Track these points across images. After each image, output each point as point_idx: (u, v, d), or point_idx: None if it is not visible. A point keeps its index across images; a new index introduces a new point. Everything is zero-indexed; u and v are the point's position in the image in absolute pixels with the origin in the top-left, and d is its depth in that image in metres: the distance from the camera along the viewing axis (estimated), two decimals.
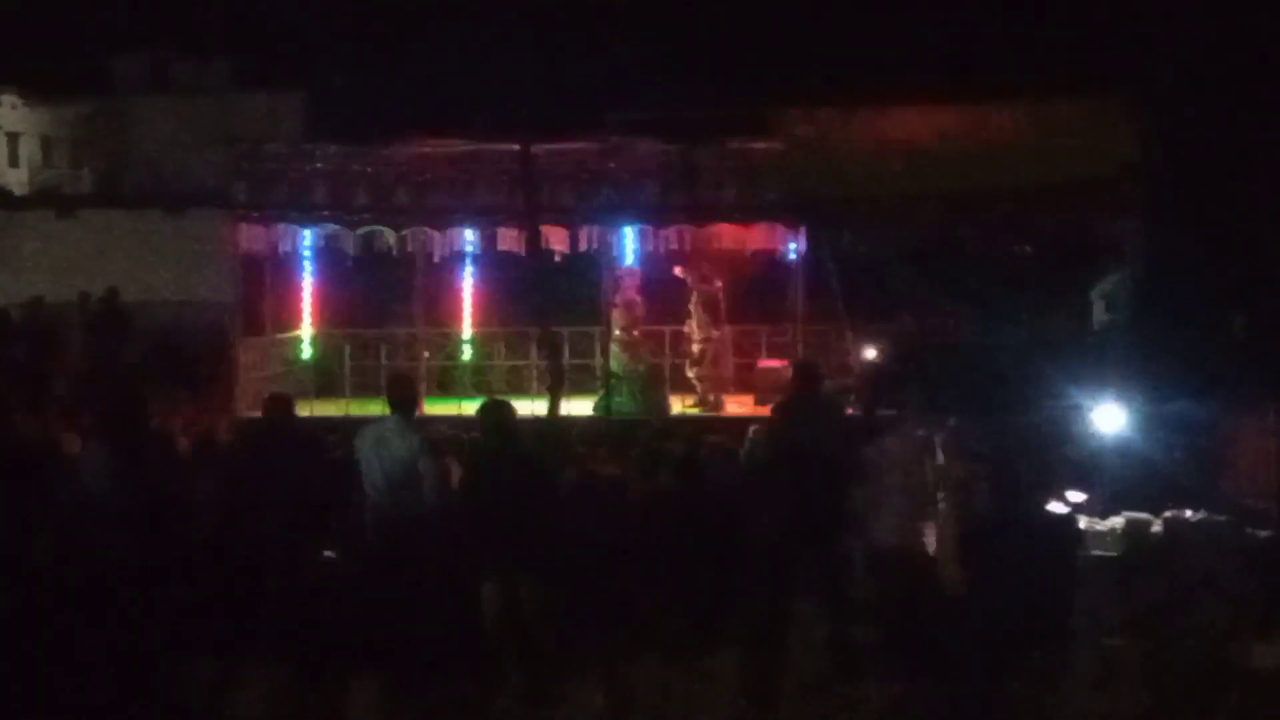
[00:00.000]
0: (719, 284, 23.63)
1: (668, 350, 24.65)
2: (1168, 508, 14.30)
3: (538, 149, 22.20)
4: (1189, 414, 14.35)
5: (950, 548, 11.64)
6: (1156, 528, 14.10)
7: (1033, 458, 14.08)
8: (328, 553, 12.57)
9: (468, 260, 25.67)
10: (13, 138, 66.65)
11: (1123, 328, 21.08)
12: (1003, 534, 12.28)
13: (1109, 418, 14.23)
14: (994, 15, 38.19)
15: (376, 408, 14.22)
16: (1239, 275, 22.38)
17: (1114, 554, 13.73)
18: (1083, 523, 13.22)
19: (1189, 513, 14.30)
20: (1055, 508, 12.38)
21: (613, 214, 22.89)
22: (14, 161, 66.36)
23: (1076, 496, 13.28)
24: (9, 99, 65.87)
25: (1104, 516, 14.25)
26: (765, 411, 18.28)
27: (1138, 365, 14.41)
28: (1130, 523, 14.07)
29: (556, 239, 23.08)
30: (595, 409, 22.75)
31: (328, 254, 24.21)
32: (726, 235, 22.97)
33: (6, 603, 11.42)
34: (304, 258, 24.60)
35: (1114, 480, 14.42)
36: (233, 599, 11.55)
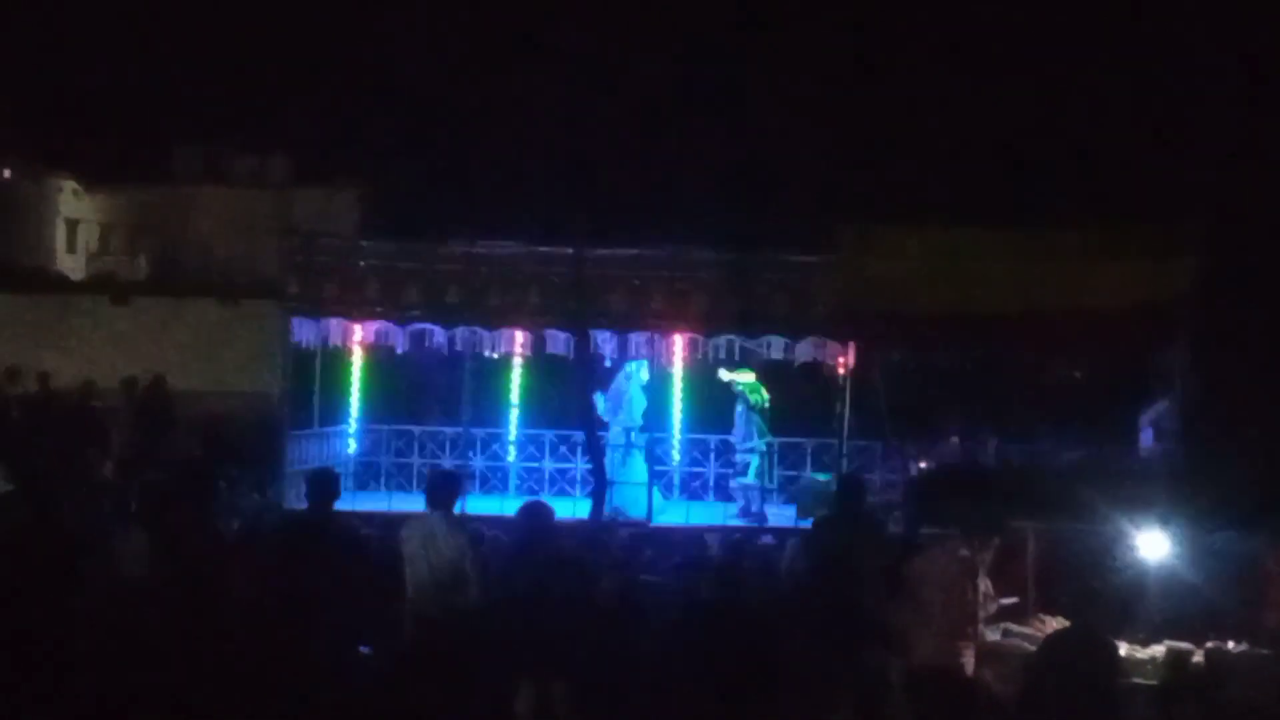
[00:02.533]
0: (764, 394, 23.64)
1: (713, 459, 24.64)
2: (1210, 638, 14.19)
3: (590, 254, 22.28)
4: (1234, 544, 14.26)
5: None
6: (1198, 658, 13.97)
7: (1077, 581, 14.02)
8: (364, 648, 12.57)
9: (516, 361, 25.71)
10: (71, 224, 67.33)
11: (1170, 455, 20.97)
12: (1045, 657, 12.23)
13: (1153, 545, 14.14)
14: (1049, 142, 38.34)
15: (417, 503, 14.22)
16: None
17: (1153, 683, 13.61)
18: (1123, 650, 13.12)
19: (1231, 644, 14.18)
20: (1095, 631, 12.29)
21: (663, 321, 22.91)
22: (71, 247, 67.01)
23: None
24: (69, 186, 66.58)
25: (1145, 644, 14.14)
26: (808, 525, 18.24)
27: (1184, 493, 14.32)
28: (1171, 652, 13.95)
29: (606, 344, 23.12)
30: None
31: (377, 350, 24.29)
32: (776, 347, 22.98)
33: (47, 686, 11.45)
34: (353, 352, 24.68)
35: (1156, 608, 14.31)
36: (267, 691, 11.54)
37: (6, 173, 65.02)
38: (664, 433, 24.98)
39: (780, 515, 22.88)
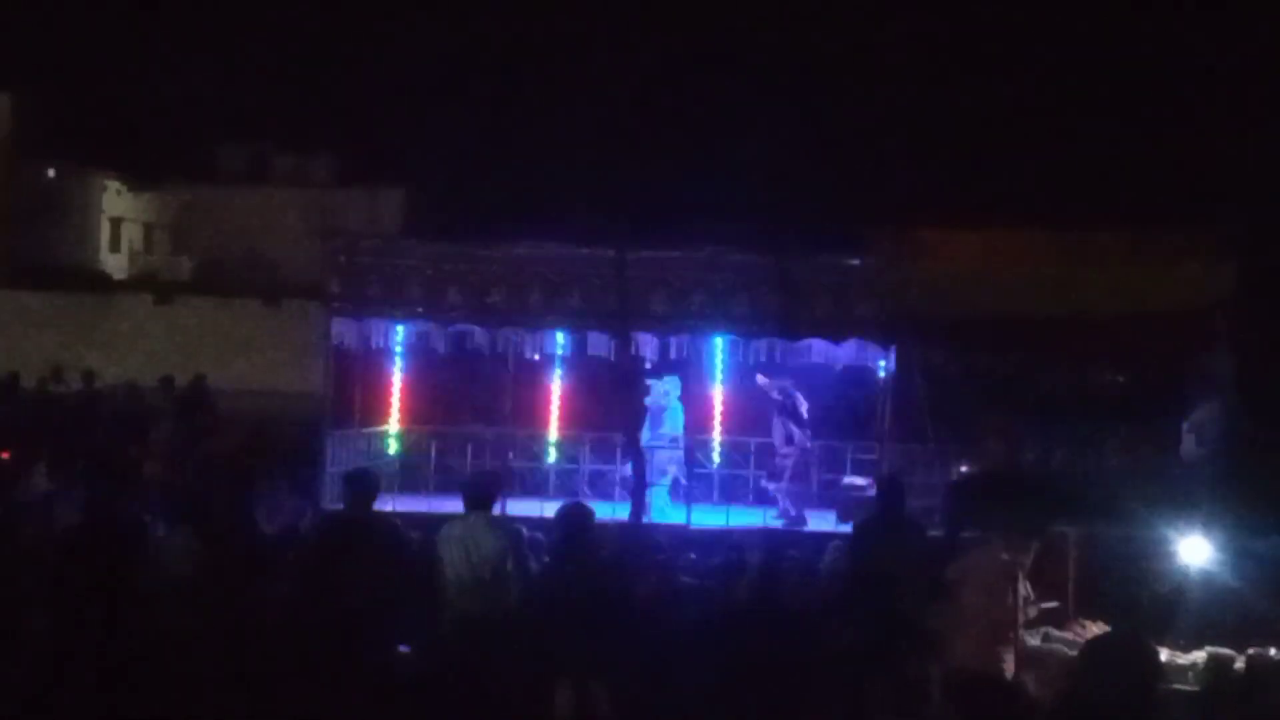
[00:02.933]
0: (799, 396, 23.63)
1: (752, 462, 24.64)
2: (1251, 644, 14.14)
3: (632, 256, 22.29)
4: (1276, 550, 14.19)
5: None
6: (1239, 664, 13.93)
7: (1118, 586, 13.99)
8: (403, 647, 12.60)
9: (557, 363, 25.75)
10: (115, 223, 67.58)
11: (1212, 461, 20.89)
12: (1086, 662, 12.20)
13: (1195, 550, 14.10)
14: (1093, 144, 38.23)
15: (458, 505, 14.24)
16: None
17: (1194, 689, 13.58)
18: (1164, 655, 13.08)
19: (1273, 650, 14.13)
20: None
21: (704, 324, 22.91)
22: (115, 246, 67.27)
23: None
24: (113, 185, 66.86)
25: (1186, 650, 14.10)
26: (847, 528, 18.22)
27: (1226, 499, 14.26)
28: (1212, 657, 13.91)
29: (647, 346, 23.14)
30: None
31: (419, 350, 24.33)
32: (817, 350, 22.97)
33: (87, 683, 11.51)
34: (395, 353, 24.72)
35: (1197, 614, 14.26)
36: (307, 690, 11.57)
37: (51, 172, 65.31)
38: (705, 435, 25.01)
39: (820, 519, 22.87)
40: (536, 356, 24.17)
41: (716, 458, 25.12)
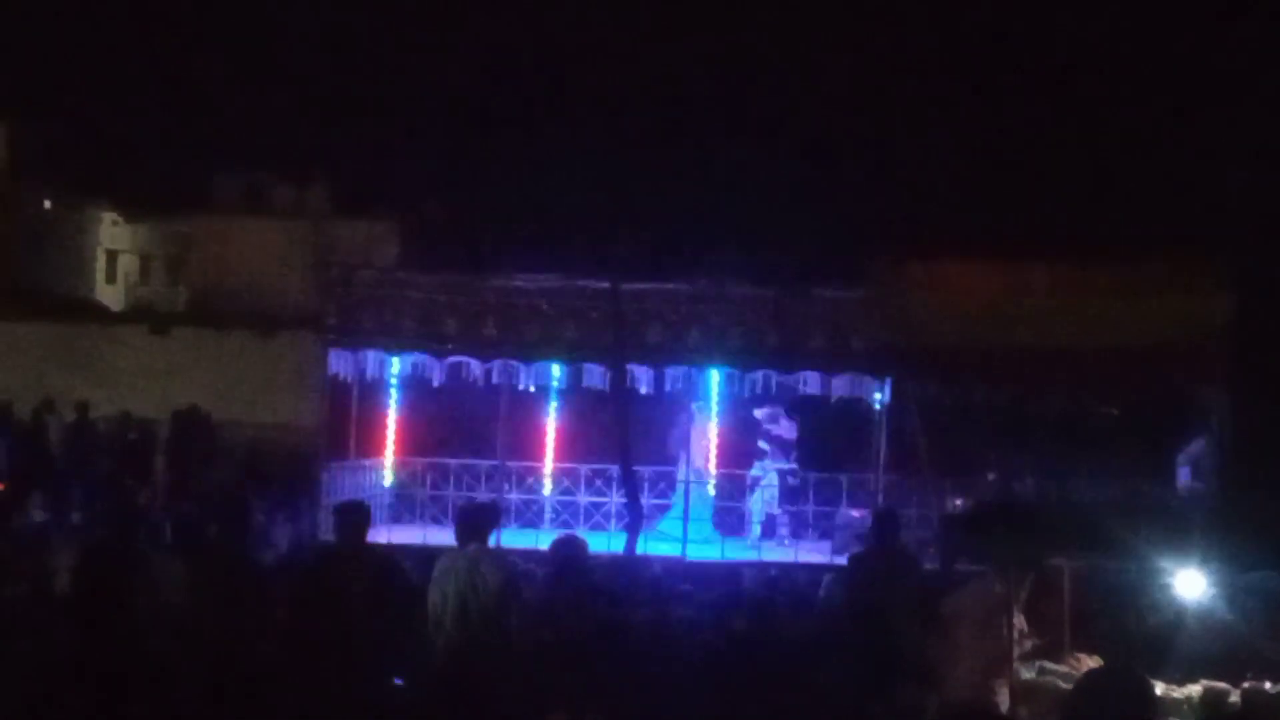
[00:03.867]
0: (785, 426, 23.76)
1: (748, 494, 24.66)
2: (1247, 678, 14.11)
3: (628, 288, 22.33)
4: (1272, 583, 14.18)
5: None
6: (1234, 698, 13.90)
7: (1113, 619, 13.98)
8: (397, 680, 12.58)
9: (553, 394, 25.77)
10: (111, 255, 67.65)
11: (1208, 493, 20.89)
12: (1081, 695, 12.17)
13: (1190, 583, 14.08)
14: (1091, 177, 38.29)
15: (452, 536, 14.23)
16: None
17: None
18: (1159, 689, 13.06)
19: (1268, 684, 14.10)
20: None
21: (700, 356, 22.94)
22: (111, 278, 67.32)
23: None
24: (109, 217, 66.91)
25: (1181, 684, 14.07)
26: (842, 560, 18.22)
27: (1221, 531, 14.25)
28: (1208, 691, 13.87)
29: (642, 378, 23.17)
30: None
31: (414, 382, 24.35)
32: (812, 382, 22.99)
33: (81, 712, 11.47)
34: (390, 385, 24.73)
35: (1193, 647, 14.24)
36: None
37: (47, 203, 65.35)
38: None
39: (816, 550, 22.87)
40: (532, 388, 24.17)
41: (712, 490, 25.13)
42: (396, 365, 23.77)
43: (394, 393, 24.96)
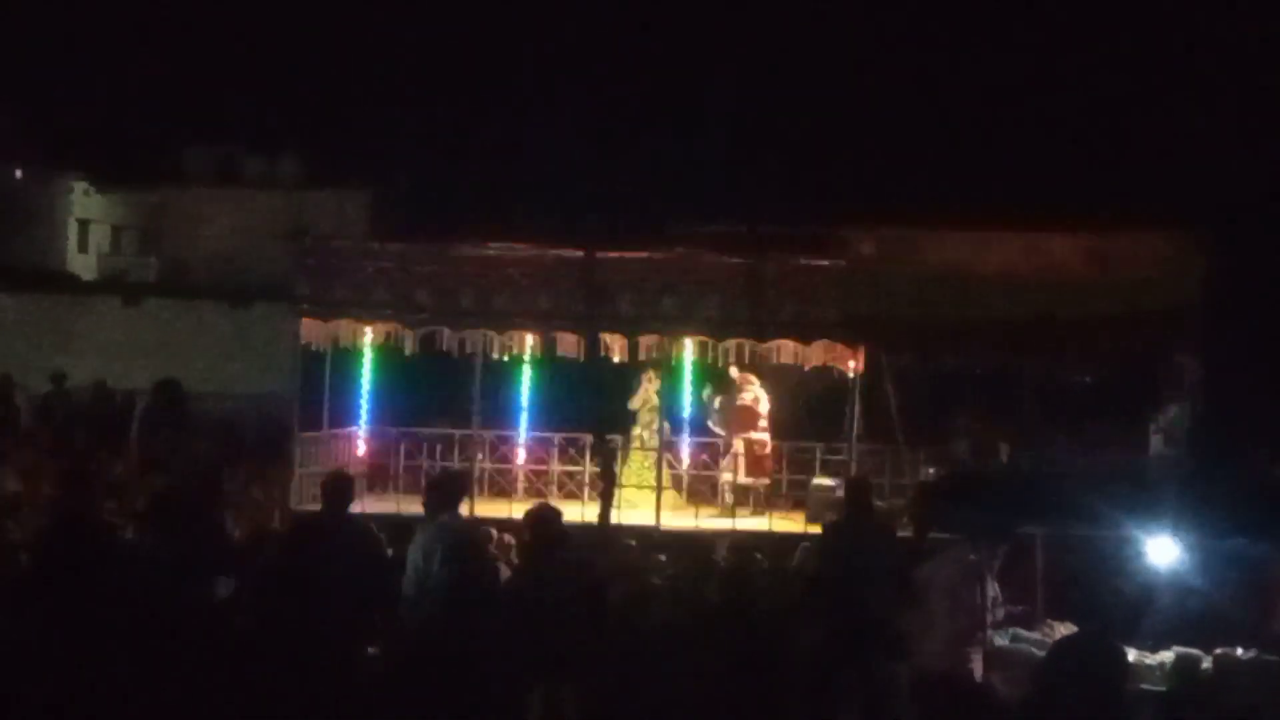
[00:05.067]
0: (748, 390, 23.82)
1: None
2: (1218, 644, 14.18)
3: (601, 256, 22.31)
4: (1243, 551, 14.24)
5: None
6: (1206, 664, 13.98)
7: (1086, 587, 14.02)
8: (371, 649, 12.59)
9: (526, 364, 25.74)
10: (83, 224, 67.28)
11: (1180, 461, 20.95)
12: (1054, 662, 12.23)
13: (1162, 551, 14.14)
14: (1063, 146, 38.33)
15: None
16: None
17: (1162, 689, 13.61)
18: (1131, 656, 13.12)
19: (1240, 650, 14.18)
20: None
21: (673, 324, 22.92)
22: (83, 247, 66.97)
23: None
24: (81, 186, 66.57)
25: (1154, 650, 14.14)
26: (817, 529, 18.25)
27: (1193, 499, 14.30)
28: (1180, 658, 13.95)
29: (616, 347, 23.17)
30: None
31: (387, 351, 24.27)
32: (785, 351, 22.98)
33: (58, 685, 11.47)
34: (364, 354, 24.66)
35: (1165, 614, 14.31)
36: (275, 693, 11.55)
37: (18, 173, 64.99)
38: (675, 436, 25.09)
39: (790, 520, 22.89)
40: (505, 357, 24.11)
41: (686, 458, 25.14)
42: (369, 335, 23.70)
43: (367, 363, 24.89)
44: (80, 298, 48.08)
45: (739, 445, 23.77)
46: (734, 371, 23.78)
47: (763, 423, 23.94)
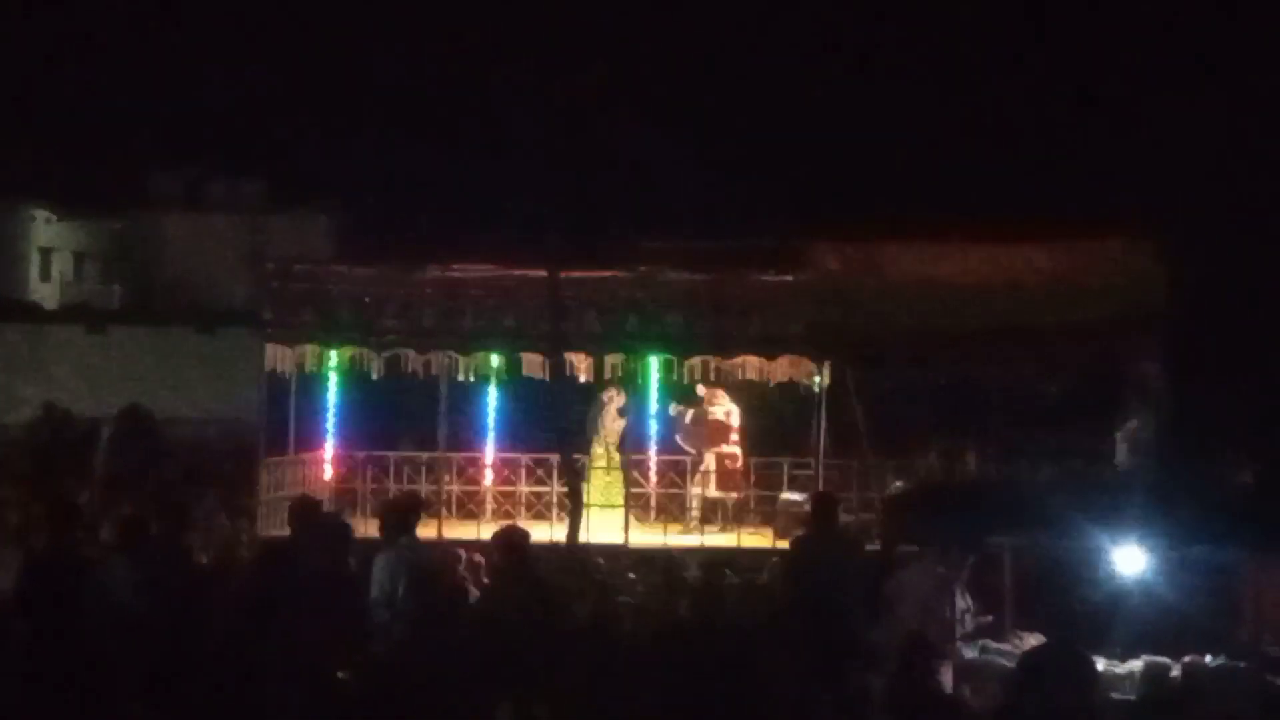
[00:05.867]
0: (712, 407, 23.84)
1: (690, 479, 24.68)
2: (1187, 652, 14.22)
3: (565, 276, 22.32)
4: (1210, 558, 14.30)
5: None
6: (1175, 672, 14.02)
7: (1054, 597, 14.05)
8: (340, 674, 12.56)
9: (492, 385, 25.72)
10: (45, 253, 67.14)
11: (1145, 470, 21.02)
12: (1024, 673, 12.24)
13: (1130, 560, 14.18)
14: (1024, 156, 38.45)
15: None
16: (1257, 421, 22.39)
17: (1131, 698, 13.65)
18: (1101, 665, 13.15)
19: (1208, 658, 14.22)
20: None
21: (638, 342, 22.94)
22: (45, 276, 66.82)
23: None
24: (43, 214, 66.42)
25: (1123, 659, 14.18)
26: (786, 545, 18.25)
27: (1159, 508, 14.36)
28: (1149, 666, 14.00)
29: (582, 366, 23.19)
30: None
31: (353, 374, 24.23)
32: (750, 366, 23.00)
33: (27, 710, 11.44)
34: (329, 378, 24.61)
35: (1133, 623, 14.35)
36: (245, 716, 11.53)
37: None
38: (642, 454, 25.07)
39: (759, 535, 22.90)
40: (471, 378, 24.09)
41: (654, 476, 25.12)
42: (335, 358, 23.66)
43: (333, 386, 24.85)
44: (43, 326, 47.89)
45: (710, 461, 23.77)
46: (701, 389, 23.79)
47: (734, 436, 23.95)
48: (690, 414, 24.06)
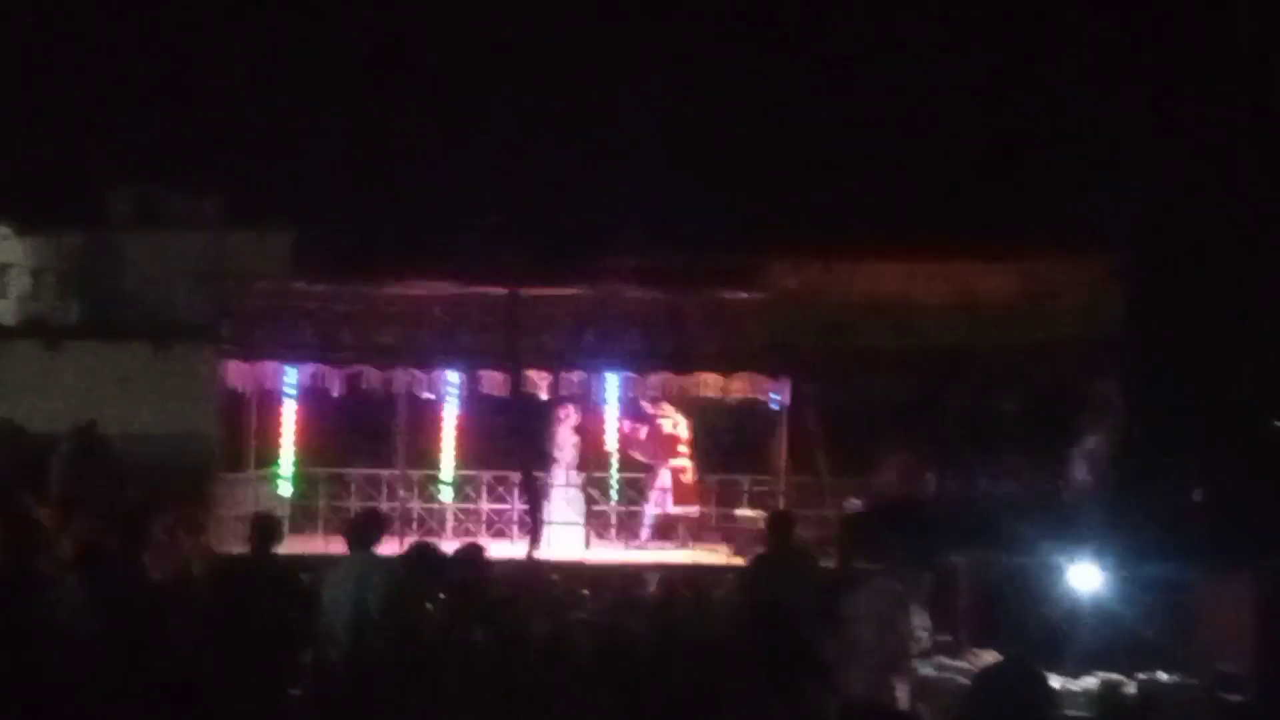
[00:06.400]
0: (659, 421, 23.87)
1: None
2: (1142, 669, 14.27)
3: (524, 293, 22.32)
4: (1164, 576, 14.36)
5: None
6: (1130, 689, 14.05)
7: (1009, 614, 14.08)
8: (294, 690, 12.52)
9: (451, 402, 25.67)
10: (3, 269, 66.79)
11: (1101, 488, 21.10)
12: (979, 691, 12.26)
13: (1085, 577, 14.23)
14: (981, 175, 38.55)
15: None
16: (1212, 440, 22.46)
17: (1087, 715, 13.68)
18: (1056, 682, 13.17)
19: (1163, 675, 14.27)
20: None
21: (597, 359, 22.96)
22: (2, 292, 66.48)
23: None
24: (0, 230, 66.11)
25: (1077, 676, 14.21)
26: (743, 561, 18.27)
27: (1115, 525, 14.42)
28: (1104, 684, 14.02)
29: (541, 383, 23.17)
30: None
31: (312, 392, 24.16)
32: (709, 383, 23.02)
33: None
34: (288, 395, 24.53)
35: (1088, 640, 14.39)
36: None
37: None
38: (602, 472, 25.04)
39: (716, 552, 22.91)
40: (430, 395, 24.05)
41: (614, 493, 25.10)
42: (294, 375, 23.59)
43: (291, 404, 24.76)
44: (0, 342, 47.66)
45: (665, 477, 23.77)
46: (647, 406, 23.79)
47: (683, 448, 23.94)
48: (644, 430, 24.06)
